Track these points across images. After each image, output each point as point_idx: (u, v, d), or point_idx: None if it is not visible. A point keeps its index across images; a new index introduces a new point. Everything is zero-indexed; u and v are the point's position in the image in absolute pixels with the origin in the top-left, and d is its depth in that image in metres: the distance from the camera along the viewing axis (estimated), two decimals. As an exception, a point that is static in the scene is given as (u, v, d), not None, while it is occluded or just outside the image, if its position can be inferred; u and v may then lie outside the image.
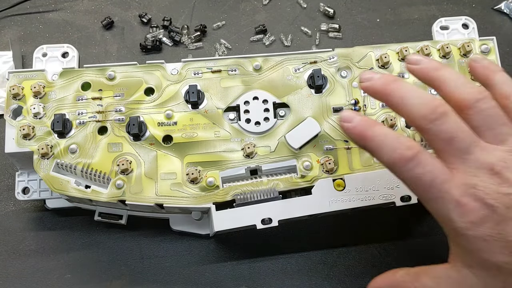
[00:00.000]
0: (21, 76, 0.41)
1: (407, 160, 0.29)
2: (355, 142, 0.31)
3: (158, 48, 0.50)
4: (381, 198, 0.38)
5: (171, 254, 0.43)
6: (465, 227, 0.28)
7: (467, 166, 0.29)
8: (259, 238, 0.43)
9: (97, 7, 0.52)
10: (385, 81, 0.31)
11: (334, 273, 0.42)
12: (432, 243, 0.43)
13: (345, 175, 0.38)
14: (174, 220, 0.42)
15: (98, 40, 0.50)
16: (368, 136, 0.30)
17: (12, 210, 0.44)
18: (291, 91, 0.41)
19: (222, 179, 0.38)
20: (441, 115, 0.29)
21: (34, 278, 0.42)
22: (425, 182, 0.29)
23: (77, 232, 0.43)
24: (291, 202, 0.38)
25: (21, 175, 0.42)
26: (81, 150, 0.39)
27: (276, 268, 0.42)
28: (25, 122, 0.39)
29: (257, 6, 0.52)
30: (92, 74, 0.41)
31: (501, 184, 0.28)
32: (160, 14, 0.51)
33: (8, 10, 0.51)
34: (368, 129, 0.30)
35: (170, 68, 0.41)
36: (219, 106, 0.40)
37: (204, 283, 0.42)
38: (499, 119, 0.30)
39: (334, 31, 0.51)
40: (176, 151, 0.39)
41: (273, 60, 0.42)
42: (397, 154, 0.29)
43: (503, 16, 0.52)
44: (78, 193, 0.38)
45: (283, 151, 0.39)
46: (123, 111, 0.40)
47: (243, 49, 0.50)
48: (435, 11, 0.52)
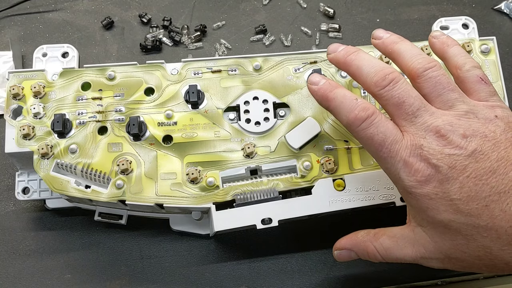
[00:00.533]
0: (21, 76, 0.41)
1: (361, 120, 0.32)
2: (320, 104, 0.35)
3: (158, 48, 0.50)
4: (381, 198, 0.38)
5: (171, 254, 0.43)
6: (412, 186, 0.31)
7: (416, 128, 0.31)
8: (259, 238, 0.43)
9: (97, 7, 0.52)
10: (346, 52, 0.34)
11: (334, 273, 0.42)
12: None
13: (345, 175, 0.38)
14: (174, 220, 0.42)
15: (98, 40, 0.50)
16: (329, 98, 0.33)
17: (12, 210, 0.44)
18: (291, 91, 0.41)
19: (222, 179, 0.38)
20: (391, 81, 0.32)
21: (34, 278, 0.42)
22: (376, 141, 0.31)
23: (77, 232, 0.43)
24: (291, 202, 0.38)
25: (21, 175, 0.42)
26: (81, 150, 0.39)
27: (276, 268, 0.42)
28: (25, 122, 0.39)
29: (257, 6, 0.52)
30: (92, 74, 0.41)
31: (445, 146, 0.30)
32: (160, 14, 0.51)
33: (8, 10, 0.51)
34: (330, 91, 0.33)
35: (170, 68, 0.41)
36: (219, 106, 0.40)
37: (204, 283, 0.42)
38: (448, 86, 0.32)
39: (334, 31, 0.51)
40: (176, 151, 0.39)
41: (273, 60, 0.42)
42: (353, 115, 0.32)
43: (503, 16, 0.52)
44: (78, 193, 0.38)
45: (283, 151, 0.39)
46: (123, 111, 0.40)
47: (243, 49, 0.50)
48: (435, 11, 0.52)
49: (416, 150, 0.30)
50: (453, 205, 0.30)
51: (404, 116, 0.31)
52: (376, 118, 0.31)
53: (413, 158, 0.30)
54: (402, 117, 0.31)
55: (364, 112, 0.32)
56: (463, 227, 0.30)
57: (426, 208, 0.31)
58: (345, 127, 0.33)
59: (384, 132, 0.31)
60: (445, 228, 0.30)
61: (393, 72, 0.32)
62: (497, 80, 0.42)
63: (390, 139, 0.31)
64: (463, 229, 0.30)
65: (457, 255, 0.31)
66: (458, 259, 0.31)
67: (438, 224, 0.31)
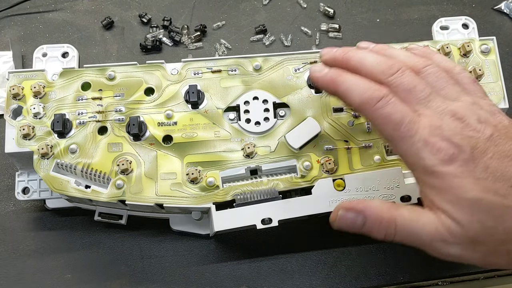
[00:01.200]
0: (21, 76, 0.41)
1: (378, 98, 0.31)
2: (326, 89, 0.34)
3: (158, 48, 0.50)
4: (381, 198, 0.38)
5: (171, 254, 0.43)
6: (435, 164, 0.30)
7: (431, 111, 0.31)
8: (259, 238, 0.43)
9: (97, 7, 0.52)
10: (344, 50, 0.34)
11: (334, 273, 0.42)
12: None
13: (345, 175, 0.38)
14: (174, 220, 0.42)
15: (98, 40, 0.50)
16: (339, 81, 0.33)
17: (12, 210, 0.44)
18: (291, 91, 0.41)
19: (222, 179, 0.38)
20: (399, 69, 0.32)
21: (34, 278, 0.42)
22: (394, 120, 0.30)
23: (77, 232, 0.43)
24: (291, 202, 0.38)
25: (21, 175, 0.42)
26: (81, 150, 0.39)
27: (276, 268, 0.42)
28: (25, 122, 0.39)
29: (257, 6, 0.52)
30: (92, 74, 0.41)
31: (464, 128, 0.30)
32: (160, 14, 0.51)
33: (8, 10, 0.51)
34: (339, 75, 0.33)
35: (170, 68, 0.41)
36: (219, 106, 0.40)
37: (204, 283, 0.42)
38: (449, 80, 0.32)
39: (334, 31, 0.51)
40: (176, 151, 0.39)
41: (273, 60, 0.42)
42: (368, 94, 0.31)
43: (503, 16, 0.52)
44: (78, 193, 0.38)
45: (283, 151, 0.39)
46: (123, 111, 0.40)
47: (243, 49, 0.50)
48: (435, 11, 0.52)
49: (436, 130, 0.30)
50: (480, 184, 0.29)
51: (417, 101, 0.31)
52: (392, 97, 0.31)
53: (434, 137, 0.30)
54: (415, 101, 0.31)
55: (380, 91, 0.31)
56: (493, 206, 0.29)
57: (451, 188, 0.29)
58: (357, 108, 0.32)
59: (401, 111, 0.30)
60: (473, 208, 0.29)
61: (398, 62, 0.32)
62: (497, 80, 0.42)
63: (408, 118, 0.30)
64: (492, 208, 0.29)
65: (483, 239, 0.29)
66: (483, 244, 0.29)
67: (466, 203, 0.29)
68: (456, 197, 0.29)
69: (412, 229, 0.31)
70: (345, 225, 0.33)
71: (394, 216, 0.31)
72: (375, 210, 0.32)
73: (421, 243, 0.31)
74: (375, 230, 0.32)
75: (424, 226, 0.31)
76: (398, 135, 0.30)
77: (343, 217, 0.33)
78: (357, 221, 0.32)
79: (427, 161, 0.30)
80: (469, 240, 0.30)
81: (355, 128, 0.40)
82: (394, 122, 0.30)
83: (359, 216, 0.32)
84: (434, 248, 0.31)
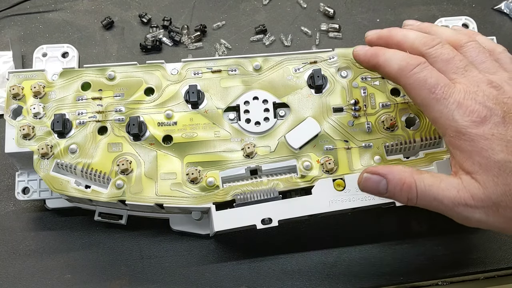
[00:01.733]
0: (21, 76, 0.41)
1: (415, 65, 0.33)
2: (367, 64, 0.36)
3: (158, 48, 0.50)
4: (381, 198, 0.38)
5: (171, 254, 0.43)
6: (467, 125, 0.31)
7: (468, 80, 0.32)
8: (259, 238, 0.43)
9: (97, 7, 0.52)
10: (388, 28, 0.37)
11: (334, 273, 0.42)
12: (432, 243, 0.43)
13: (345, 175, 0.38)
14: (174, 220, 0.42)
15: (98, 40, 0.50)
16: (380, 53, 0.35)
17: (12, 210, 0.44)
18: (291, 91, 0.41)
19: (222, 179, 0.38)
20: (438, 42, 0.34)
21: (34, 278, 0.42)
22: (430, 83, 0.32)
23: (77, 232, 0.43)
24: (291, 202, 0.38)
25: (21, 175, 0.42)
26: (81, 150, 0.39)
27: (276, 268, 0.42)
28: (25, 122, 0.39)
29: (257, 6, 0.52)
30: (92, 74, 0.41)
31: (499, 95, 0.31)
32: (160, 14, 0.51)
33: (8, 10, 0.51)
34: (380, 49, 0.36)
35: (170, 68, 0.41)
36: (219, 106, 0.40)
37: (204, 283, 0.42)
38: (489, 56, 0.34)
39: (334, 31, 0.51)
40: (176, 151, 0.39)
41: (273, 60, 0.42)
42: (406, 61, 0.33)
43: (503, 16, 0.52)
44: (78, 193, 0.38)
45: (283, 151, 0.39)
46: (123, 111, 0.40)
47: (243, 49, 0.50)
48: (435, 11, 0.52)
49: (471, 94, 0.31)
50: (509, 147, 0.30)
51: (454, 70, 0.33)
52: (428, 65, 0.33)
53: (468, 100, 0.31)
54: (452, 71, 0.33)
55: (417, 59, 0.33)
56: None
57: (481, 149, 0.30)
58: (395, 76, 0.34)
59: (437, 76, 0.32)
60: (500, 170, 0.30)
61: (438, 37, 0.34)
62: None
63: (444, 82, 0.32)
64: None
65: (507, 202, 0.30)
66: (507, 207, 0.30)
67: (493, 166, 0.30)
68: (484, 158, 0.30)
69: (434, 194, 0.31)
70: (369, 188, 0.34)
71: (415, 181, 0.32)
72: (397, 174, 0.32)
73: (443, 208, 0.32)
74: (398, 194, 0.33)
75: (445, 191, 0.31)
76: (433, 97, 0.32)
77: (367, 180, 0.34)
78: (380, 184, 0.33)
79: (460, 122, 0.31)
80: (492, 203, 0.30)
81: (355, 128, 0.40)
82: (430, 85, 0.32)
83: (383, 180, 0.33)
84: (456, 213, 0.31)
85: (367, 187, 0.34)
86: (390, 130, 0.40)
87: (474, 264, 0.43)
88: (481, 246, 0.43)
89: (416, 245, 0.43)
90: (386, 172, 0.33)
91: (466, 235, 0.44)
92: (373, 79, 0.41)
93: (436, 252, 0.43)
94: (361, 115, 0.40)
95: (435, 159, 0.39)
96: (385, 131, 0.40)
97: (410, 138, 0.39)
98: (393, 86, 0.41)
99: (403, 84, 0.34)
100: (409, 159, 0.39)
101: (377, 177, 0.33)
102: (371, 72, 0.40)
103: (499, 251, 0.43)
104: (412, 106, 0.40)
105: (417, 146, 0.40)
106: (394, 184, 0.32)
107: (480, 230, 0.43)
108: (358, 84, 0.41)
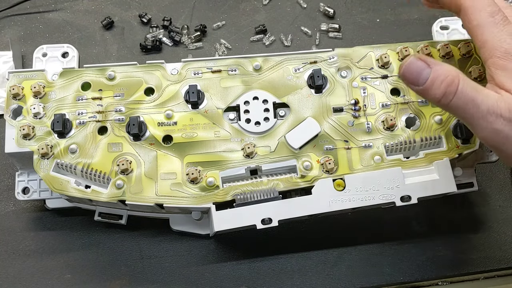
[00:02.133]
0: (21, 76, 0.41)
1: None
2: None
3: (158, 48, 0.50)
4: (381, 198, 0.38)
5: (171, 254, 0.43)
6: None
7: None
8: (259, 238, 0.43)
9: (97, 7, 0.52)
10: None
11: (334, 273, 0.42)
12: (432, 243, 0.43)
13: (345, 175, 0.38)
14: (174, 220, 0.42)
15: (98, 40, 0.50)
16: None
17: (12, 210, 0.44)
18: (291, 91, 0.41)
19: (222, 179, 0.38)
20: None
21: (34, 278, 0.42)
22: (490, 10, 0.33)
23: (77, 232, 0.43)
24: (291, 202, 0.38)
25: (21, 175, 0.42)
26: (81, 150, 0.39)
27: (276, 268, 0.42)
28: (25, 122, 0.39)
29: (257, 6, 0.52)
30: (92, 74, 0.41)
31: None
32: (160, 14, 0.51)
33: (8, 10, 0.51)
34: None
35: (170, 68, 0.41)
36: (219, 106, 0.40)
37: (204, 283, 0.42)
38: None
39: (334, 31, 0.51)
40: (176, 151, 0.39)
41: (273, 60, 0.42)
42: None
43: (503, 16, 0.52)
44: (78, 193, 0.38)
45: (283, 151, 0.39)
46: (123, 111, 0.40)
47: (243, 49, 0.50)
48: (435, 11, 0.52)
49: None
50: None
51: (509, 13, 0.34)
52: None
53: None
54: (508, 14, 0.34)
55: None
56: None
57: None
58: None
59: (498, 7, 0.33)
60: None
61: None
62: (497, 80, 0.42)
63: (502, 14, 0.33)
64: None
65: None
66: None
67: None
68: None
69: (473, 96, 0.31)
70: (410, 73, 0.32)
71: (460, 77, 0.31)
72: (445, 67, 0.32)
73: (475, 113, 0.31)
74: (436, 86, 0.31)
75: (484, 97, 0.31)
76: (491, 20, 0.33)
77: (412, 63, 0.32)
78: (423, 72, 0.32)
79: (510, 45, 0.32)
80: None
81: (355, 128, 0.40)
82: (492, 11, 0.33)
83: (427, 69, 0.32)
84: (488, 122, 0.31)
85: (409, 71, 0.32)
86: (390, 130, 0.40)
87: (474, 264, 0.43)
88: (481, 246, 0.43)
89: (416, 245, 0.43)
90: (433, 62, 0.32)
91: (466, 235, 0.44)
92: (373, 79, 0.41)
93: (436, 252, 0.43)
94: (361, 115, 0.40)
95: (435, 159, 0.39)
96: (385, 131, 0.40)
97: (410, 138, 0.39)
98: (393, 86, 0.41)
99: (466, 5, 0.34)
100: (409, 159, 0.39)
101: (422, 64, 0.32)
102: (371, 72, 0.40)
103: (499, 251, 0.43)
104: (412, 106, 0.40)
105: (417, 146, 0.40)
106: (437, 75, 0.31)
107: (480, 230, 0.43)
108: (358, 84, 0.41)
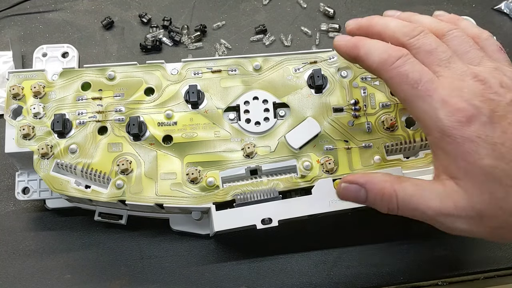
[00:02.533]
0: (21, 76, 0.41)
1: (397, 57, 0.31)
2: (348, 55, 0.34)
3: (158, 48, 0.50)
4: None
5: (171, 254, 0.43)
6: (453, 126, 0.28)
7: (452, 73, 0.30)
8: (259, 238, 0.43)
9: (97, 7, 0.52)
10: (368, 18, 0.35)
11: (334, 273, 0.42)
12: (432, 243, 0.43)
13: (345, 175, 0.38)
14: (174, 220, 0.42)
15: (98, 40, 0.50)
16: (360, 45, 0.33)
17: (12, 210, 0.44)
18: (291, 91, 0.41)
19: (222, 179, 0.38)
20: (421, 32, 0.32)
21: (34, 278, 0.42)
22: (412, 79, 0.30)
23: (77, 232, 0.43)
24: (291, 202, 0.38)
25: (21, 175, 0.42)
26: (81, 150, 0.39)
27: (276, 268, 0.42)
28: (25, 122, 0.39)
29: (257, 6, 0.52)
30: (92, 74, 0.41)
31: (485, 90, 0.29)
32: (160, 14, 0.51)
33: (8, 10, 0.51)
34: (360, 40, 0.33)
35: (170, 68, 0.41)
36: (219, 106, 0.40)
37: (204, 283, 0.42)
38: (474, 44, 0.32)
39: (334, 31, 0.51)
40: (176, 151, 0.39)
41: (273, 60, 0.42)
42: (387, 54, 0.31)
43: (503, 16, 0.52)
44: (78, 193, 0.38)
45: (283, 151, 0.39)
46: (123, 111, 0.40)
47: (243, 49, 0.50)
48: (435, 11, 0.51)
49: (456, 91, 0.29)
50: (495, 150, 0.28)
51: (437, 62, 0.31)
52: (411, 57, 0.31)
53: (453, 98, 0.29)
54: (435, 63, 0.31)
55: (399, 51, 0.31)
56: (505, 176, 0.28)
57: (466, 153, 0.28)
58: (376, 70, 0.32)
59: (420, 70, 0.30)
60: (485, 177, 0.28)
61: (421, 26, 0.32)
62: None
63: (427, 77, 0.30)
64: (504, 178, 0.28)
65: (491, 212, 0.28)
66: (491, 217, 0.28)
67: (478, 172, 0.28)
68: (469, 164, 0.28)
69: (415, 204, 0.30)
70: (348, 197, 0.32)
71: (395, 191, 0.30)
72: (377, 184, 0.31)
73: (425, 218, 0.30)
74: (378, 204, 0.31)
75: (428, 201, 0.30)
76: (415, 94, 0.30)
77: (346, 189, 0.32)
78: (360, 194, 0.32)
79: (445, 122, 0.29)
80: (476, 214, 0.29)
81: (355, 128, 0.40)
82: (412, 81, 0.30)
83: (362, 190, 0.31)
84: (439, 223, 0.30)
85: (347, 197, 0.33)
86: (390, 130, 0.40)
87: (474, 264, 0.43)
88: (481, 246, 0.43)
89: (416, 245, 0.43)
90: (365, 181, 0.31)
91: (466, 235, 0.44)
92: (373, 79, 0.41)
93: (436, 252, 0.43)
94: (361, 115, 0.40)
95: (435, 159, 0.39)
96: (385, 131, 0.40)
97: (410, 138, 0.39)
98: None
99: (384, 78, 0.31)
100: (409, 159, 0.39)
101: (355, 187, 0.32)
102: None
103: (499, 251, 0.43)
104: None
105: (417, 146, 0.40)
106: (374, 195, 0.31)
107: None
108: (358, 84, 0.41)
